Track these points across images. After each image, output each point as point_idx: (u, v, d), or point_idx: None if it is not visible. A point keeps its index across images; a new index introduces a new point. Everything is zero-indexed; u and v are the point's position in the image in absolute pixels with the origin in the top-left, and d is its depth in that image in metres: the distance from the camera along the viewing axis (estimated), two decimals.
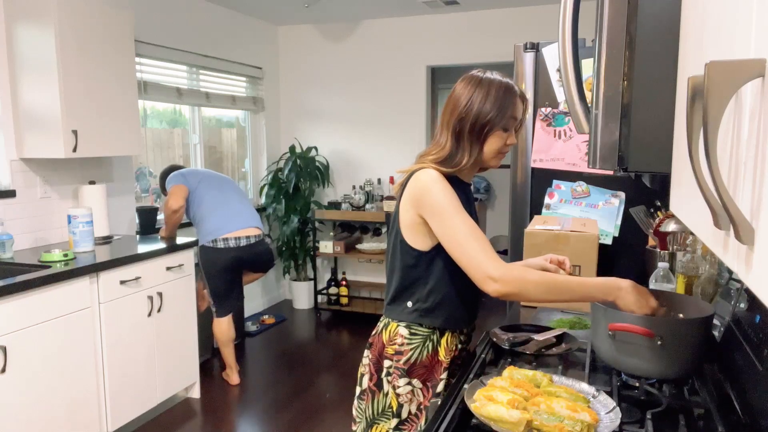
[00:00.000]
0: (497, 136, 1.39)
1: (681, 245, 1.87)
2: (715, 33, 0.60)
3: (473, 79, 1.41)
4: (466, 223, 1.33)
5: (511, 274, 1.27)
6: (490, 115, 1.37)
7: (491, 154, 1.42)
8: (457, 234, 1.33)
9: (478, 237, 1.32)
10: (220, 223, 3.47)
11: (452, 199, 1.35)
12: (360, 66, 5.14)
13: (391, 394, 1.45)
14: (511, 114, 1.39)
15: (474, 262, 1.30)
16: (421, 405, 1.45)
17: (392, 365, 1.45)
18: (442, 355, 1.46)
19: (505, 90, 1.38)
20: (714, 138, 0.47)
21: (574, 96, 1.10)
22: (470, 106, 1.38)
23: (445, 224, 1.34)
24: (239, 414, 3.30)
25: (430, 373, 1.45)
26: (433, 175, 1.37)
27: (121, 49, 3.19)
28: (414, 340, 1.44)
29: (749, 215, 0.46)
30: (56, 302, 2.48)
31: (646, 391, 1.28)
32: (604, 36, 0.95)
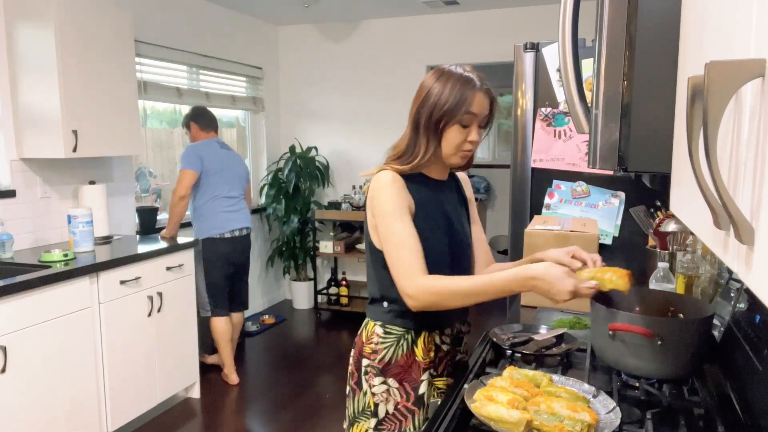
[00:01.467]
0: (455, 131, 1.34)
1: (681, 245, 1.87)
2: (715, 33, 0.60)
3: (437, 71, 1.38)
4: (401, 231, 1.30)
5: (422, 290, 1.26)
6: (446, 107, 1.32)
7: (450, 150, 1.37)
8: (389, 242, 1.32)
9: (408, 247, 1.29)
10: (229, 217, 3.53)
11: (396, 203, 1.32)
12: (360, 66, 5.14)
13: (369, 393, 1.44)
14: (467, 108, 1.32)
15: (396, 277, 1.31)
16: (399, 405, 1.42)
17: (369, 364, 1.44)
18: (420, 355, 1.43)
19: (464, 82, 1.33)
20: (714, 138, 0.47)
21: (574, 96, 1.10)
22: (427, 97, 1.35)
23: (383, 230, 1.33)
24: (239, 414, 3.30)
25: (407, 373, 1.42)
26: (385, 179, 1.35)
27: (121, 49, 3.19)
28: (388, 339, 1.43)
29: (749, 215, 0.46)
30: (56, 302, 2.48)
31: (646, 391, 1.28)
32: (604, 36, 0.95)
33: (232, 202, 3.57)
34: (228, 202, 3.54)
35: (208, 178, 3.47)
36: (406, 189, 1.36)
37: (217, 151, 3.54)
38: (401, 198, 1.34)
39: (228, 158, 3.59)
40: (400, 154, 1.39)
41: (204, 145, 3.52)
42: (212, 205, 3.49)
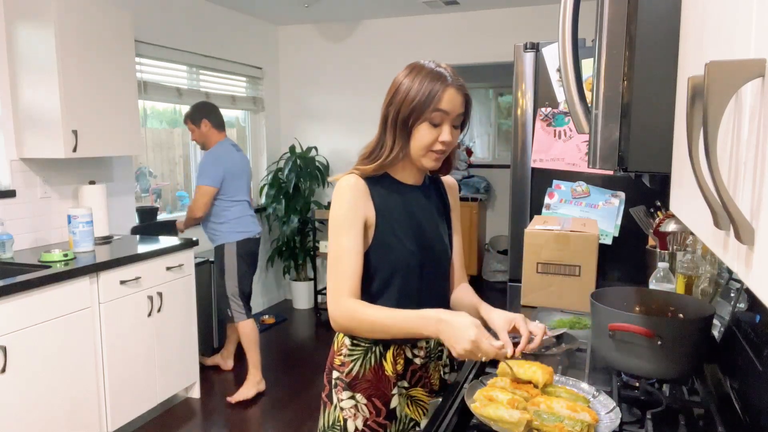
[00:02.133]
0: (425, 130, 1.25)
1: (681, 245, 1.87)
2: (715, 33, 0.60)
3: (409, 66, 1.30)
4: (341, 247, 1.26)
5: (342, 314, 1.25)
6: (414, 103, 1.23)
7: (420, 151, 1.28)
8: (329, 254, 1.29)
9: (342, 264, 1.26)
10: (253, 220, 3.53)
11: (343, 216, 1.27)
12: (360, 66, 5.14)
13: (338, 408, 1.36)
14: (436, 105, 1.23)
15: (328, 291, 1.29)
16: (369, 421, 1.33)
17: (338, 376, 1.37)
18: (389, 370, 1.34)
19: (434, 77, 1.24)
20: (714, 138, 0.47)
21: (574, 96, 1.10)
22: (396, 93, 1.28)
23: (329, 239, 1.30)
24: (239, 414, 3.30)
25: (376, 388, 1.34)
26: (344, 185, 1.29)
27: (121, 49, 3.19)
28: (355, 351, 1.35)
29: (749, 215, 0.46)
30: (56, 302, 2.48)
31: (646, 391, 1.28)
32: (604, 36, 0.95)
33: (249, 205, 3.55)
34: (248, 205, 3.53)
35: (231, 183, 3.39)
36: (368, 195, 1.29)
37: (235, 155, 3.45)
38: (356, 207, 1.27)
39: (243, 161, 3.53)
40: (367, 153, 1.32)
41: (225, 152, 3.40)
42: (238, 208, 3.43)
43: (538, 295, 2.00)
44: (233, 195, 3.40)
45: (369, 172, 1.30)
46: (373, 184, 1.31)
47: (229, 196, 3.39)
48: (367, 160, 1.32)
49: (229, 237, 3.42)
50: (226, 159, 3.37)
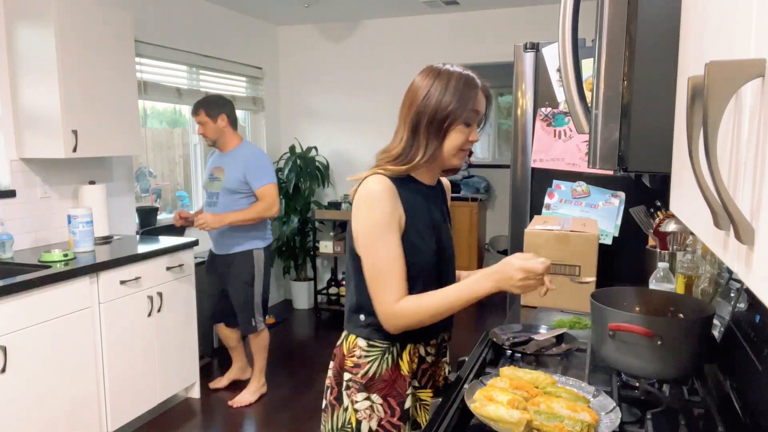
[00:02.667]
0: (458, 131, 1.31)
1: (681, 245, 1.87)
2: (715, 33, 0.60)
3: (432, 71, 1.33)
4: (387, 254, 1.27)
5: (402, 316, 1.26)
6: (450, 108, 1.28)
7: (452, 151, 1.33)
8: (370, 261, 1.29)
9: (390, 270, 1.27)
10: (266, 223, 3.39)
11: (384, 221, 1.27)
12: (360, 66, 5.14)
13: (351, 409, 1.36)
14: (472, 107, 1.30)
15: (375, 298, 1.28)
16: (383, 421, 1.35)
17: (351, 378, 1.37)
18: (405, 369, 1.36)
19: (466, 81, 1.31)
20: (714, 138, 0.47)
21: (574, 96, 1.10)
22: (428, 98, 1.30)
23: (367, 246, 1.29)
24: (239, 414, 3.30)
25: (392, 388, 1.35)
26: (376, 188, 1.28)
27: (121, 49, 3.19)
28: (372, 352, 1.36)
29: (749, 215, 0.46)
30: (56, 302, 2.48)
31: (646, 391, 1.28)
32: (604, 36, 0.95)
33: None
34: None
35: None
36: (397, 196, 1.30)
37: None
38: (390, 211, 1.28)
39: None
40: (395, 156, 1.33)
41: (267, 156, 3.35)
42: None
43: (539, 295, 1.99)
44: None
45: (397, 173, 1.32)
46: (399, 185, 1.32)
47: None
48: (395, 162, 1.33)
49: (259, 242, 3.30)
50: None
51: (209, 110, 3.16)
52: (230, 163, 3.21)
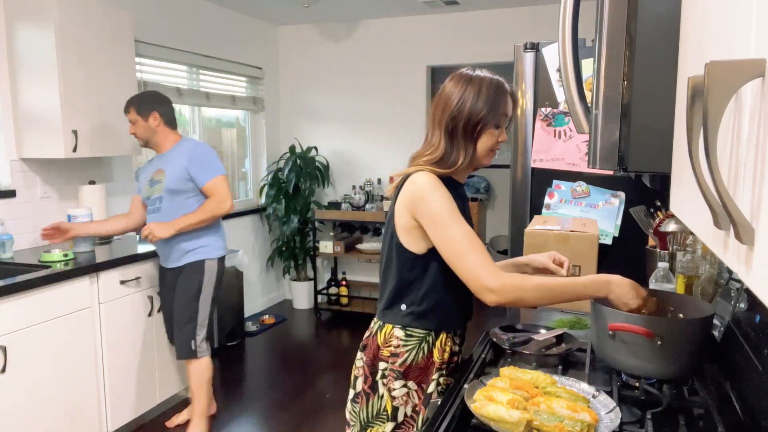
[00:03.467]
0: (489, 134, 1.40)
1: (681, 245, 1.87)
2: (715, 33, 0.60)
3: (463, 77, 1.40)
4: (464, 233, 1.32)
5: (508, 285, 1.28)
6: (483, 113, 1.37)
7: (484, 152, 1.42)
8: (454, 244, 1.32)
9: (476, 246, 1.31)
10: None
11: (449, 206, 1.34)
12: (360, 66, 5.14)
13: (387, 397, 1.43)
14: (503, 111, 1.39)
15: (473, 275, 1.30)
16: (417, 407, 1.43)
17: (387, 367, 1.43)
18: (436, 356, 1.44)
19: (496, 87, 1.38)
20: (714, 138, 0.47)
21: (574, 96, 1.10)
22: (462, 104, 1.37)
23: (443, 233, 1.33)
24: (239, 414, 3.30)
25: (425, 375, 1.43)
26: (429, 180, 1.36)
27: (121, 49, 3.19)
28: (410, 342, 1.43)
29: (749, 215, 0.46)
30: (56, 302, 2.48)
31: (646, 391, 1.28)
32: (604, 36, 0.95)
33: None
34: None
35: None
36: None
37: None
38: (451, 199, 1.35)
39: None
40: (436, 160, 1.40)
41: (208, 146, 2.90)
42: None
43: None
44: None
45: (440, 174, 1.39)
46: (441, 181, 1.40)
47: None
48: (438, 165, 1.39)
49: (212, 251, 2.82)
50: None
51: (140, 108, 2.78)
52: (170, 161, 2.80)
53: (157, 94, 2.90)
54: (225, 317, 4.20)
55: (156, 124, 2.79)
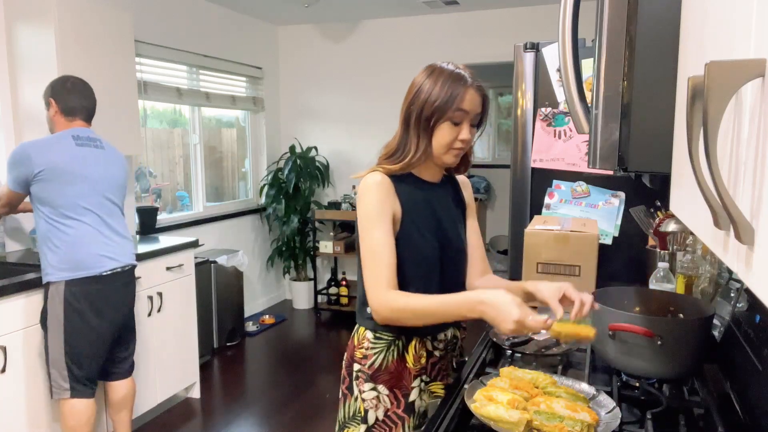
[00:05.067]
0: (446, 129, 1.31)
1: (681, 245, 1.87)
2: (715, 33, 0.60)
3: (429, 67, 1.35)
4: (375, 242, 1.29)
5: (386, 306, 1.25)
6: (436, 104, 1.29)
7: (441, 149, 1.33)
8: (363, 249, 1.31)
9: (380, 258, 1.28)
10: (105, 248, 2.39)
11: (375, 212, 1.30)
12: (360, 66, 5.14)
13: (359, 399, 1.41)
14: (458, 106, 1.29)
15: (366, 285, 1.29)
16: (389, 412, 1.38)
17: (360, 369, 1.41)
18: (410, 362, 1.39)
19: (455, 79, 1.30)
20: (714, 138, 0.47)
21: (574, 96, 1.10)
22: (418, 94, 1.32)
23: (361, 235, 1.32)
24: (239, 414, 3.30)
25: (397, 380, 1.39)
26: (371, 181, 1.32)
27: (121, 49, 3.18)
28: (378, 344, 1.39)
29: (749, 215, 0.46)
30: None
31: (646, 391, 1.28)
32: (604, 36, 0.95)
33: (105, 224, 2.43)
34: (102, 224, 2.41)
35: (59, 189, 2.29)
36: (394, 192, 1.33)
37: (73, 150, 2.35)
38: (384, 203, 1.31)
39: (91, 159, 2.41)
40: (390, 153, 1.36)
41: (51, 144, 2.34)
42: (74, 230, 2.31)
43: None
44: (67, 208, 2.30)
45: (394, 171, 1.34)
46: (398, 181, 1.35)
47: (60, 210, 2.29)
48: (391, 160, 1.36)
49: (55, 273, 2.30)
50: (48, 152, 2.29)
51: (44, 97, 2.46)
52: None
53: (62, 80, 2.46)
54: (225, 317, 4.20)
55: (52, 114, 2.44)
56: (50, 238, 2.30)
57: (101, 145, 2.50)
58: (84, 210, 2.34)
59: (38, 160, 2.26)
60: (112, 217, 2.48)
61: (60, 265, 2.29)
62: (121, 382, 2.61)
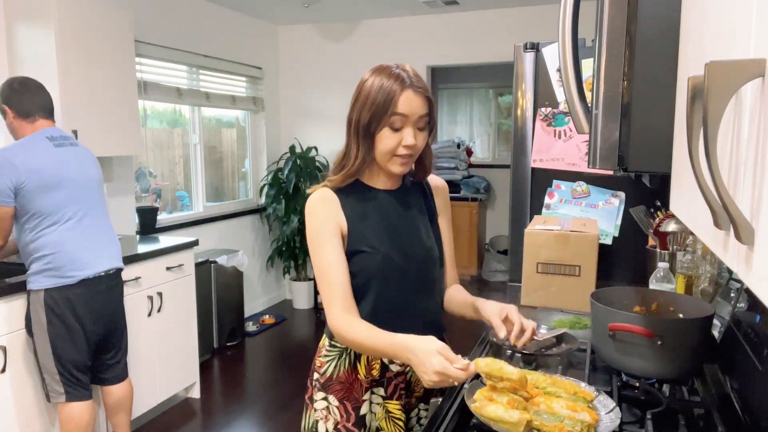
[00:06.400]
0: (386, 135, 1.23)
1: (681, 245, 1.87)
2: (715, 33, 0.60)
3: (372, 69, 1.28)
4: (320, 263, 1.26)
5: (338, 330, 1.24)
6: (372, 109, 1.22)
7: (384, 156, 1.26)
8: (315, 271, 1.28)
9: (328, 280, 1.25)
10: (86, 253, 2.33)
11: (316, 232, 1.27)
12: (360, 66, 5.11)
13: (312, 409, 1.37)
14: (393, 109, 1.20)
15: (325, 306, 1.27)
16: (339, 425, 1.32)
17: (317, 377, 1.37)
18: (361, 373, 1.33)
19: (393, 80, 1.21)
20: (714, 138, 0.47)
21: (574, 96, 1.10)
22: (358, 97, 1.26)
23: (311, 256, 1.29)
24: (239, 414, 3.30)
25: (349, 392, 1.33)
26: (314, 200, 1.29)
27: (121, 49, 3.18)
28: (331, 353, 1.35)
29: (749, 215, 0.46)
30: None
31: (646, 391, 1.28)
32: (604, 36, 0.95)
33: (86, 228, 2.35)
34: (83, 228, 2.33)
35: (41, 197, 2.22)
36: (338, 206, 1.28)
37: (51, 152, 2.27)
38: (327, 220, 1.27)
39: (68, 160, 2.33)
40: (336, 162, 1.31)
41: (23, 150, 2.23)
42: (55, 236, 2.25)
43: (538, 295, 2.00)
44: (48, 213, 2.23)
45: (338, 182, 1.29)
46: (345, 193, 1.30)
47: (41, 217, 2.23)
48: (335, 170, 1.31)
49: (36, 282, 2.26)
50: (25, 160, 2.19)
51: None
52: None
53: (10, 82, 2.35)
54: (225, 317, 4.20)
55: (10, 121, 2.32)
56: (32, 246, 2.25)
57: (75, 143, 2.42)
58: (65, 216, 2.27)
59: (23, 167, 2.17)
60: (95, 220, 2.40)
61: (41, 273, 2.26)
62: (115, 386, 2.58)
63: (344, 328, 1.23)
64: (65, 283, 2.27)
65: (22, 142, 2.27)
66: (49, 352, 2.29)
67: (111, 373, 2.56)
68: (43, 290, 2.25)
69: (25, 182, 2.17)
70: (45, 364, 2.31)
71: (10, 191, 2.17)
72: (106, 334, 2.48)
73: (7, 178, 2.16)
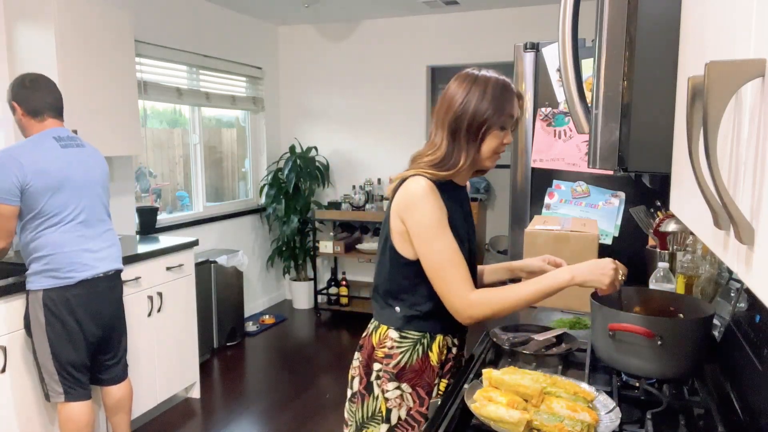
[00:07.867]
0: (494, 135, 1.36)
1: (681, 245, 1.87)
2: (715, 33, 0.60)
3: (469, 77, 1.37)
4: (447, 248, 1.32)
5: (478, 308, 1.30)
6: (487, 114, 1.33)
7: (488, 154, 1.38)
8: (432, 259, 1.32)
9: (455, 264, 1.32)
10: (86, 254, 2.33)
11: (437, 218, 1.32)
12: (360, 66, 5.14)
13: (381, 398, 1.41)
14: (508, 112, 1.36)
15: (447, 294, 1.32)
16: (412, 411, 1.40)
17: (382, 368, 1.41)
18: (434, 359, 1.42)
19: (502, 88, 1.36)
20: (714, 138, 0.47)
21: (574, 96, 1.10)
22: (467, 104, 1.34)
23: (426, 246, 1.33)
24: (239, 414, 3.30)
25: (421, 377, 1.41)
26: (421, 188, 1.33)
27: (121, 49, 3.18)
28: (404, 343, 1.41)
29: (749, 215, 0.46)
30: None
31: (646, 391, 1.28)
32: (604, 36, 0.95)
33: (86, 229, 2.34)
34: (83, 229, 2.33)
35: (46, 197, 2.22)
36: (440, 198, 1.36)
37: (57, 153, 2.26)
38: (440, 210, 1.33)
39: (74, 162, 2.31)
40: (437, 161, 1.37)
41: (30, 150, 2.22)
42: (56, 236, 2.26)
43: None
44: (50, 214, 2.23)
45: (439, 178, 1.37)
46: (439, 188, 1.37)
47: (43, 218, 2.23)
48: (438, 167, 1.37)
49: (35, 282, 2.27)
50: (32, 161, 2.18)
51: (7, 101, 2.33)
52: None
53: (21, 79, 2.33)
54: (225, 317, 4.20)
55: (19, 117, 2.31)
56: (31, 246, 2.25)
57: (82, 144, 2.40)
58: (67, 217, 2.27)
59: (30, 168, 2.16)
60: (97, 222, 2.39)
61: (40, 273, 2.26)
62: (115, 387, 2.57)
63: (488, 298, 1.31)
64: (64, 283, 2.27)
65: (30, 142, 2.26)
66: (47, 352, 2.30)
67: (110, 374, 2.56)
68: (42, 291, 2.26)
69: (30, 183, 2.17)
70: (44, 364, 2.32)
71: (16, 189, 2.16)
72: (105, 336, 2.47)
73: (14, 177, 2.15)
